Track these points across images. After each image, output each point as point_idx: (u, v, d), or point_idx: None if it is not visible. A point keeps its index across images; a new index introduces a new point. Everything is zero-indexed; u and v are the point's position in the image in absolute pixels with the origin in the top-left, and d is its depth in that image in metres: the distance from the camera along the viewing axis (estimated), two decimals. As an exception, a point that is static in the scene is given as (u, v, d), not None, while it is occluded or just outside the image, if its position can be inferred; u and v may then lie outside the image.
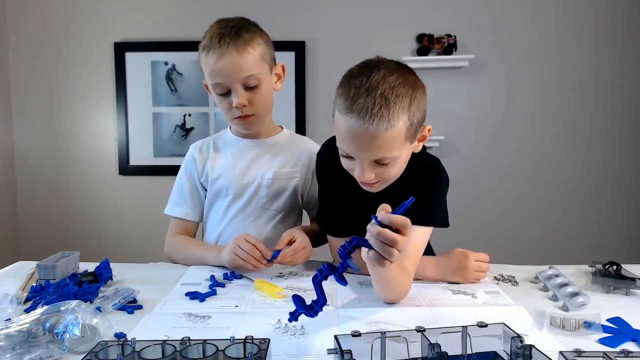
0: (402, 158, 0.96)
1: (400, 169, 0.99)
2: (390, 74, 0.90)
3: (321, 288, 0.75)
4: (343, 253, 0.76)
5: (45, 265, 1.03)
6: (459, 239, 1.13)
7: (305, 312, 0.73)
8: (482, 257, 1.08)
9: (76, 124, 2.82)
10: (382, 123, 0.87)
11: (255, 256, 1.07)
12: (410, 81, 0.92)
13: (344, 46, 2.71)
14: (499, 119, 2.78)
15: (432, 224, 1.05)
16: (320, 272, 0.76)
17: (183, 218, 1.32)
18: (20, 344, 0.71)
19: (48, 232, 2.84)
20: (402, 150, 0.94)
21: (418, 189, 1.01)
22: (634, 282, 1.00)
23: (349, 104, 0.89)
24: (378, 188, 1.01)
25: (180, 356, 0.63)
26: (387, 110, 0.87)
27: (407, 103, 0.90)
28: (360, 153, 0.93)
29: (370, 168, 0.95)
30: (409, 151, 0.98)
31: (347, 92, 0.91)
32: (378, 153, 0.92)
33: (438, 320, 0.85)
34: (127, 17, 2.75)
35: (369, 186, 1.00)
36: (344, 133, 0.93)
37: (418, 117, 0.93)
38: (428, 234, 1.05)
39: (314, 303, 0.73)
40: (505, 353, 0.66)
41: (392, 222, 0.76)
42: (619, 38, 2.72)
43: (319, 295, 0.74)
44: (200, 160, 1.32)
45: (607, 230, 2.83)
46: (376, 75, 0.90)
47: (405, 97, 0.90)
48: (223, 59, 1.14)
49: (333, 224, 1.15)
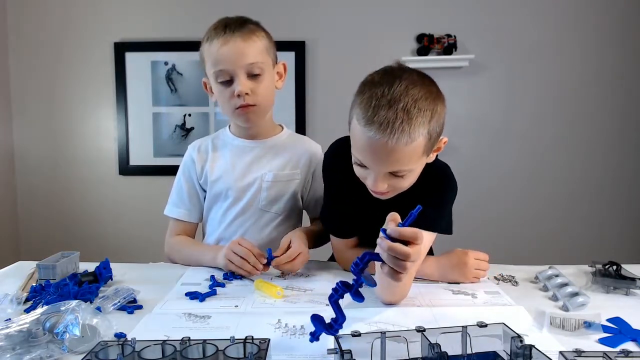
0: (416, 170, 0.96)
1: (413, 181, 0.98)
2: (412, 86, 0.88)
3: (339, 306, 0.73)
4: (356, 270, 0.75)
5: (45, 265, 1.03)
6: (459, 239, 1.13)
7: (325, 331, 0.72)
8: (482, 256, 1.09)
9: (76, 124, 2.82)
10: (402, 137, 0.86)
11: (250, 261, 1.07)
12: (432, 94, 0.91)
13: (344, 46, 2.71)
14: (499, 119, 2.78)
15: (437, 230, 1.05)
16: (336, 291, 0.74)
17: (182, 219, 1.32)
18: (20, 344, 0.71)
19: (48, 232, 2.84)
20: (418, 164, 0.94)
21: (427, 195, 1.01)
22: (634, 282, 1.00)
23: (370, 116, 0.87)
24: (388, 196, 1.00)
25: (180, 356, 0.64)
26: (409, 125, 0.86)
27: (428, 117, 0.88)
28: (376, 165, 0.92)
29: (384, 179, 0.94)
30: (423, 163, 0.98)
31: (368, 102, 0.88)
32: (395, 166, 0.91)
33: (438, 320, 0.85)
34: (127, 17, 2.75)
35: (379, 194, 0.99)
36: (361, 144, 0.91)
37: (437, 130, 0.93)
38: (432, 239, 1.05)
39: (333, 322, 0.72)
40: (505, 353, 0.66)
41: (401, 235, 0.75)
42: (619, 38, 2.72)
43: (338, 314, 0.73)
44: (199, 162, 1.31)
45: (607, 230, 2.83)
46: (398, 87, 0.87)
47: (427, 111, 0.88)
48: (228, 45, 1.14)
49: (338, 225, 1.15)
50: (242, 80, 1.16)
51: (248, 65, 1.16)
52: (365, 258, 0.76)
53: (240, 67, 1.15)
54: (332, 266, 1.18)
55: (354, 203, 1.09)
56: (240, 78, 1.16)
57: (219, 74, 1.17)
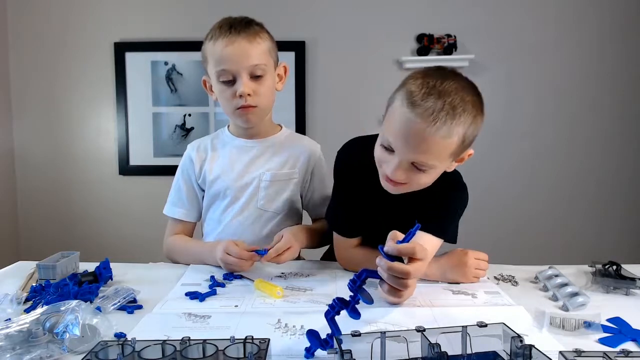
0: (437, 170, 0.96)
1: (430, 181, 0.98)
2: (463, 88, 0.91)
3: (335, 323, 0.73)
4: (354, 287, 0.75)
5: (45, 265, 1.03)
6: (458, 239, 1.13)
7: (320, 347, 0.71)
8: (482, 256, 1.09)
9: (76, 124, 2.82)
10: (441, 129, 0.87)
11: (244, 258, 1.07)
12: (478, 104, 0.93)
13: (344, 46, 2.71)
14: (499, 119, 2.78)
15: (443, 237, 1.06)
16: (332, 307, 0.74)
17: (180, 219, 1.32)
18: (20, 344, 0.71)
19: (48, 232, 2.84)
20: (442, 163, 0.94)
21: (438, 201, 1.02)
22: (634, 282, 1.00)
23: (417, 99, 0.88)
24: (399, 190, 0.99)
25: (180, 356, 0.64)
26: (452, 120, 0.87)
27: (469, 122, 0.90)
28: (405, 149, 0.91)
29: (404, 168, 0.93)
30: (446, 167, 0.98)
31: (419, 87, 0.89)
32: (423, 156, 0.91)
33: (438, 320, 0.85)
34: (127, 17, 2.75)
35: (392, 184, 0.98)
36: (397, 126, 0.91)
37: (470, 139, 0.93)
38: (437, 245, 1.05)
39: (329, 337, 0.71)
40: (505, 353, 0.66)
41: (400, 252, 0.76)
42: (619, 38, 2.72)
43: (334, 330, 0.72)
44: (198, 162, 1.31)
45: (607, 230, 2.83)
46: (451, 84, 0.89)
47: (470, 115, 0.90)
48: (232, 45, 1.15)
49: (344, 224, 1.14)
50: (245, 81, 1.16)
51: (251, 67, 1.16)
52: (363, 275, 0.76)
53: (244, 68, 1.16)
54: (332, 266, 1.18)
55: (363, 203, 1.09)
56: (243, 79, 1.16)
57: (221, 73, 1.17)
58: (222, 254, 1.09)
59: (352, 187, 1.11)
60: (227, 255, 1.08)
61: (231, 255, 1.07)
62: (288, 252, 1.11)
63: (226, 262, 1.09)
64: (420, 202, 1.04)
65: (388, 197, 1.04)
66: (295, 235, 1.15)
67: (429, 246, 0.99)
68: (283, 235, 1.13)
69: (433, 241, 1.03)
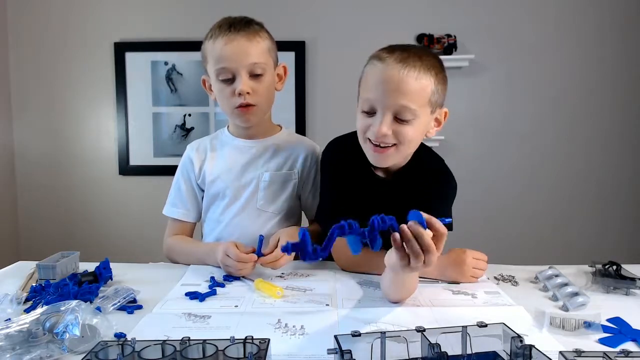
0: (420, 121, 1.00)
1: (415, 135, 1.02)
2: (423, 49, 1.04)
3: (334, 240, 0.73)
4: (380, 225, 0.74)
5: (45, 265, 1.03)
6: (458, 239, 1.13)
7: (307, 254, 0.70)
8: (481, 256, 1.09)
9: (76, 124, 2.82)
10: (412, 71, 0.96)
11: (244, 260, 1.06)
12: (439, 62, 1.03)
13: (344, 46, 2.71)
14: (499, 119, 2.78)
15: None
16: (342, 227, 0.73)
17: (180, 219, 1.32)
18: (20, 344, 0.71)
19: (48, 232, 2.84)
20: (422, 110, 0.99)
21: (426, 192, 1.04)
22: (634, 282, 1.00)
23: (386, 55, 0.99)
24: (389, 158, 1.03)
25: (180, 356, 0.63)
26: (419, 63, 0.97)
27: (435, 71, 0.99)
28: (385, 98, 0.98)
29: (389, 121, 0.98)
30: (426, 120, 1.02)
31: (384, 49, 1.02)
32: (402, 99, 0.97)
33: (438, 320, 0.85)
34: (127, 17, 2.75)
35: (380, 152, 1.02)
36: (373, 80, 1.00)
37: (441, 90, 1.01)
38: None
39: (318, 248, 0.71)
40: (505, 353, 0.66)
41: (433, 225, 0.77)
42: (619, 38, 2.72)
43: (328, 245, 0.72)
44: (197, 162, 1.31)
45: (607, 230, 2.83)
46: (413, 47, 1.03)
47: (435, 66, 1.00)
48: (232, 43, 1.15)
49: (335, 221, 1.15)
50: (244, 79, 1.16)
51: (251, 65, 1.16)
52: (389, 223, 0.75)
53: (243, 66, 1.16)
54: (332, 266, 1.18)
55: (352, 200, 1.10)
56: (242, 77, 1.16)
57: (221, 72, 1.17)
58: (222, 256, 1.09)
59: (340, 183, 1.13)
60: (227, 258, 1.08)
61: (231, 258, 1.07)
62: (285, 257, 1.10)
63: (225, 264, 1.09)
64: (409, 194, 1.05)
65: (377, 192, 1.05)
66: (292, 237, 1.15)
67: None
68: (280, 238, 1.13)
69: None
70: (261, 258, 1.08)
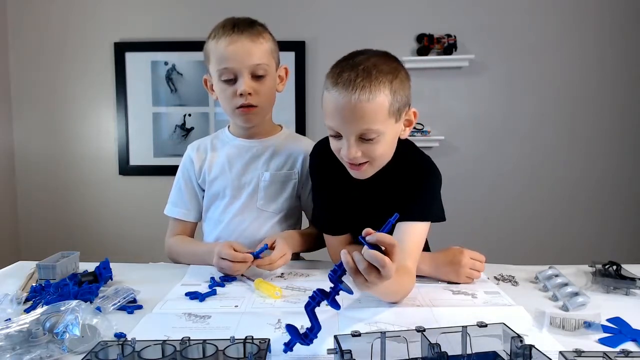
0: (387, 136, 0.98)
1: (386, 150, 1.01)
2: (373, 56, 0.98)
3: (314, 315, 0.73)
4: (334, 277, 0.74)
5: (45, 265, 1.03)
6: (458, 239, 1.13)
7: (300, 341, 0.71)
8: (478, 257, 1.08)
9: (76, 124, 2.82)
10: (364, 93, 0.92)
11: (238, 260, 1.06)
12: (392, 64, 0.99)
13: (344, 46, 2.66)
14: (499, 119, 2.78)
15: (429, 218, 1.05)
16: (313, 298, 0.74)
17: (181, 219, 1.32)
18: (20, 344, 0.71)
19: (48, 232, 2.84)
20: (385, 126, 0.97)
21: (411, 186, 1.04)
22: (634, 282, 1.00)
23: (335, 79, 0.96)
24: (366, 172, 1.02)
25: (180, 356, 0.64)
26: (369, 82, 0.93)
27: (389, 79, 0.95)
28: (345, 126, 0.97)
29: (355, 144, 0.97)
30: (394, 131, 1.00)
31: (334, 70, 0.98)
32: (362, 124, 0.95)
33: (438, 320, 0.85)
34: (127, 17, 2.75)
35: (356, 169, 1.02)
36: (330, 108, 0.97)
37: (401, 95, 0.97)
38: (426, 229, 1.05)
39: (308, 331, 0.71)
40: (505, 353, 0.66)
41: (379, 240, 0.74)
42: (619, 38, 2.72)
43: (313, 323, 0.72)
44: (198, 162, 1.31)
45: (607, 230, 2.83)
46: (361, 57, 0.98)
47: (388, 74, 0.95)
48: (235, 44, 1.15)
49: (327, 222, 1.16)
50: (246, 80, 1.16)
51: (253, 66, 1.16)
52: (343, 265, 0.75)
53: (246, 67, 1.16)
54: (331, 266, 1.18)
55: (341, 199, 1.11)
56: (244, 78, 1.16)
57: (223, 72, 1.17)
58: (216, 259, 1.09)
59: (328, 184, 1.13)
60: (221, 260, 1.08)
61: (225, 259, 1.07)
62: (281, 260, 1.10)
63: (220, 266, 1.09)
64: (395, 190, 1.06)
65: (363, 190, 1.06)
66: (288, 241, 1.15)
67: (416, 234, 1.01)
68: (276, 241, 1.13)
69: (419, 227, 1.02)
70: (257, 261, 1.08)
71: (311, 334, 0.71)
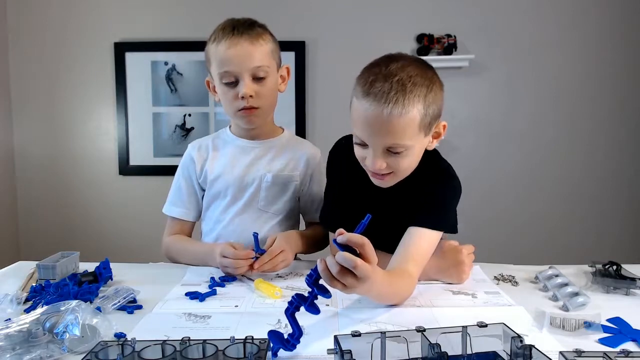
0: (414, 149, 0.96)
1: (412, 162, 0.99)
2: (409, 65, 0.93)
3: (295, 320, 0.72)
4: (310, 281, 0.74)
5: (45, 265, 1.03)
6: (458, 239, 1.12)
7: (283, 347, 0.70)
8: (471, 249, 1.08)
9: (76, 124, 2.82)
10: (396, 108, 0.89)
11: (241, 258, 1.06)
12: (428, 74, 0.95)
13: (344, 46, 2.71)
14: (499, 119, 2.78)
15: (439, 227, 1.03)
16: (291, 303, 0.73)
17: (180, 218, 1.32)
18: (20, 344, 0.71)
19: (48, 232, 2.84)
20: (414, 141, 0.94)
21: (426, 193, 1.01)
22: (634, 282, 1.00)
23: (366, 88, 0.91)
24: (389, 182, 1.00)
25: (180, 356, 0.64)
26: (403, 96, 0.89)
27: (423, 92, 0.91)
28: (373, 138, 0.94)
29: (382, 156, 0.95)
30: (422, 144, 0.98)
31: (366, 78, 0.93)
32: (390, 139, 0.92)
33: (438, 320, 0.85)
34: (127, 17, 2.75)
35: (379, 178, 0.99)
36: (359, 117, 0.94)
37: (434, 109, 0.94)
38: (435, 238, 1.02)
39: (290, 337, 0.71)
40: (505, 353, 0.66)
41: (349, 240, 0.73)
42: (619, 38, 2.72)
43: (294, 328, 0.71)
44: (199, 161, 1.31)
45: (607, 230, 2.83)
46: (395, 65, 0.92)
47: (422, 86, 0.91)
48: (235, 47, 1.15)
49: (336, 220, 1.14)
50: (247, 83, 1.16)
51: (254, 68, 1.16)
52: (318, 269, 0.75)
53: (246, 70, 1.16)
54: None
55: (354, 199, 1.10)
56: (246, 80, 1.16)
57: (224, 75, 1.17)
58: (219, 258, 1.09)
59: (343, 184, 1.12)
60: (224, 259, 1.08)
61: (227, 258, 1.07)
62: (282, 262, 1.10)
63: (223, 264, 1.09)
64: (411, 195, 1.04)
65: (379, 193, 1.04)
66: (288, 240, 1.15)
67: (424, 240, 0.99)
68: (275, 239, 1.12)
69: (427, 234, 1.00)
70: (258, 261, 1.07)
71: (293, 339, 0.71)
